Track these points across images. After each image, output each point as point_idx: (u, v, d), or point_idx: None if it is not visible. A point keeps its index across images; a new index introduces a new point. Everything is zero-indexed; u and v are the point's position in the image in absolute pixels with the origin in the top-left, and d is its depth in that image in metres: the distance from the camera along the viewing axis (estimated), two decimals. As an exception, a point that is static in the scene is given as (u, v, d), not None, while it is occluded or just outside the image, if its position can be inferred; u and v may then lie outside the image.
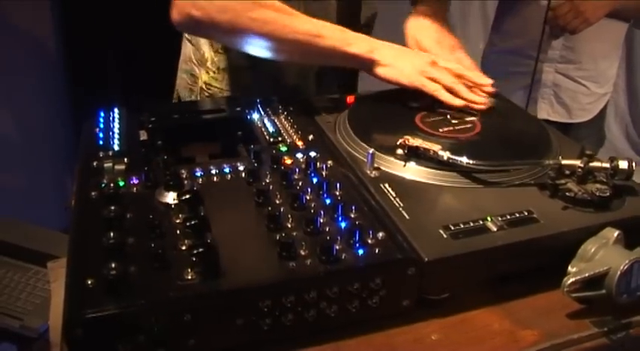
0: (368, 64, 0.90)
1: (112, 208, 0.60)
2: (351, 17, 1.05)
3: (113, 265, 0.51)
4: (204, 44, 1.07)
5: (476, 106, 0.88)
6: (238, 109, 0.84)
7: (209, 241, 0.54)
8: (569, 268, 0.63)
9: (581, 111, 1.60)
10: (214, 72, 1.08)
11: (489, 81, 0.92)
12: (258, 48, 0.90)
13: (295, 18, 0.87)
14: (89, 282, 0.52)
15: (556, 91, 1.58)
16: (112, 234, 0.56)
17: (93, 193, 0.65)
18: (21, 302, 1.10)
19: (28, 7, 1.81)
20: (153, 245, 0.55)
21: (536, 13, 1.48)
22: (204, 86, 1.10)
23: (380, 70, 0.89)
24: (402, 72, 0.89)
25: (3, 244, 1.25)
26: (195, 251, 0.53)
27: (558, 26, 1.45)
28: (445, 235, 0.62)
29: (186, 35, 1.11)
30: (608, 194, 0.68)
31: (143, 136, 0.78)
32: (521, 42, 1.55)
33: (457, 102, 0.88)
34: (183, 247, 0.57)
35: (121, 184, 0.67)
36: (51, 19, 1.90)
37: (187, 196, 0.61)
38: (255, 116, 0.87)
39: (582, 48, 1.52)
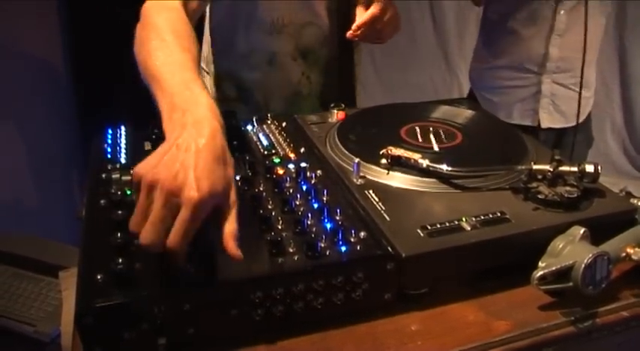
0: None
1: (120, 212, 0.66)
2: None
3: (120, 261, 0.58)
4: (204, 72, 1.16)
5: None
6: (234, 121, 0.91)
7: (206, 238, 0.60)
8: (540, 263, 0.68)
9: (575, 115, 1.67)
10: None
11: None
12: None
13: (166, 51, 0.74)
14: (99, 277, 0.58)
15: (554, 100, 1.65)
16: (119, 234, 0.62)
17: (102, 201, 0.72)
18: (34, 310, 1.17)
19: (39, 30, 1.90)
20: (156, 244, 0.61)
21: (531, 30, 1.55)
22: None
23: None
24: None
25: (17, 257, 1.32)
26: (193, 247, 0.59)
27: None
28: (422, 234, 0.67)
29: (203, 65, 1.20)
30: (575, 195, 0.74)
31: (147, 146, 0.85)
32: (519, 58, 1.63)
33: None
34: (183, 246, 0.63)
35: (128, 192, 0.73)
36: (60, 41, 1.99)
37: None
38: (251, 130, 0.94)
39: (574, 57, 1.59)
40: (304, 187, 0.75)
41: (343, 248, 0.64)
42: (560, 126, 1.68)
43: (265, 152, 0.86)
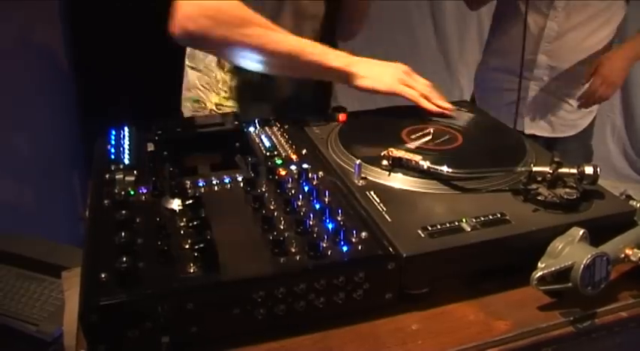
0: (347, 77, 1.00)
1: (123, 212, 0.67)
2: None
3: (124, 260, 0.58)
4: (214, 68, 1.15)
5: (447, 112, 1.00)
6: (236, 122, 0.92)
7: (209, 237, 0.61)
8: (539, 263, 0.69)
9: (565, 126, 1.67)
10: (226, 92, 1.16)
11: (449, 105, 1.02)
12: (247, 60, 1.00)
13: (282, 34, 0.97)
14: (103, 275, 0.59)
15: (540, 107, 1.65)
16: (123, 234, 0.63)
17: (106, 201, 0.72)
18: (37, 310, 1.18)
19: (42, 32, 1.91)
20: (159, 243, 0.62)
21: (527, 37, 1.56)
22: (214, 108, 1.18)
23: (359, 82, 1.00)
24: (381, 81, 0.99)
25: (19, 258, 1.33)
26: (196, 247, 0.60)
27: (593, 99, 1.56)
28: (423, 235, 0.68)
29: (189, 63, 1.19)
30: (575, 197, 0.75)
31: (150, 147, 0.86)
32: (511, 60, 1.63)
33: (433, 108, 0.99)
34: (187, 246, 0.63)
35: (131, 193, 0.74)
36: (62, 42, 2.00)
37: (190, 201, 0.69)
38: (253, 131, 0.95)
39: (568, 68, 1.59)
40: (306, 188, 0.76)
41: (345, 248, 0.64)
42: (545, 135, 1.67)
43: (267, 153, 0.87)
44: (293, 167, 0.82)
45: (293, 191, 0.75)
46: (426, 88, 1.00)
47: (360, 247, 0.65)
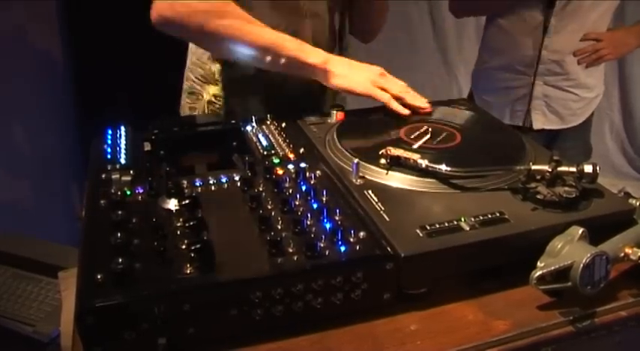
0: (323, 74, 0.98)
1: (119, 212, 0.66)
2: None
3: (120, 261, 0.58)
4: (207, 60, 1.14)
5: (423, 110, 1.00)
6: (233, 121, 0.91)
7: (205, 238, 0.60)
8: (538, 263, 0.68)
9: (573, 116, 1.69)
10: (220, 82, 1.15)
11: (424, 104, 1.01)
12: (223, 50, 1.01)
13: (259, 27, 0.96)
14: (99, 277, 0.58)
15: (547, 101, 1.66)
16: (119, 234, 0.62)
17: (102, 202, 0.72)
18: (33, 310, 1.18)
19: (39, 32, 1.91)
20: (156, 244, 0.61)
21: (522, 30, 1.56)
22: (213, 99, 1.17)
23: (334, 80, 0.98)
24: (355, 82, 0.97)
25: (16, 258, 1.32)
26: (193, 247, 0.60)
27: (596, 54, 1.59)
28: (421, 234, 0.68)
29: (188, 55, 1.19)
30: (574, 196, 0.74)
31: (147, 146, 0.85)
32: (510, 58, 1.63)
33: (403, 111, 0.98)
34: (183, 246, 0.63)
35: (128, 193, 0.74)
36: (60, 42, 2.00)
37: (187, 201, 0.68)
38: (250, 130, 0.95)
39: (566, 62, 1.60)
40: (303, 188, 0.75)
41: (342, 248, 0.64)
42: (556, 127, 1.68)
43: (265, 153, 0.86)
44: (290, 166, 0.81)
45: (290, 191, 0.75)
46: (400, 90, 0.99)
47: (358, 247, 0.64)
